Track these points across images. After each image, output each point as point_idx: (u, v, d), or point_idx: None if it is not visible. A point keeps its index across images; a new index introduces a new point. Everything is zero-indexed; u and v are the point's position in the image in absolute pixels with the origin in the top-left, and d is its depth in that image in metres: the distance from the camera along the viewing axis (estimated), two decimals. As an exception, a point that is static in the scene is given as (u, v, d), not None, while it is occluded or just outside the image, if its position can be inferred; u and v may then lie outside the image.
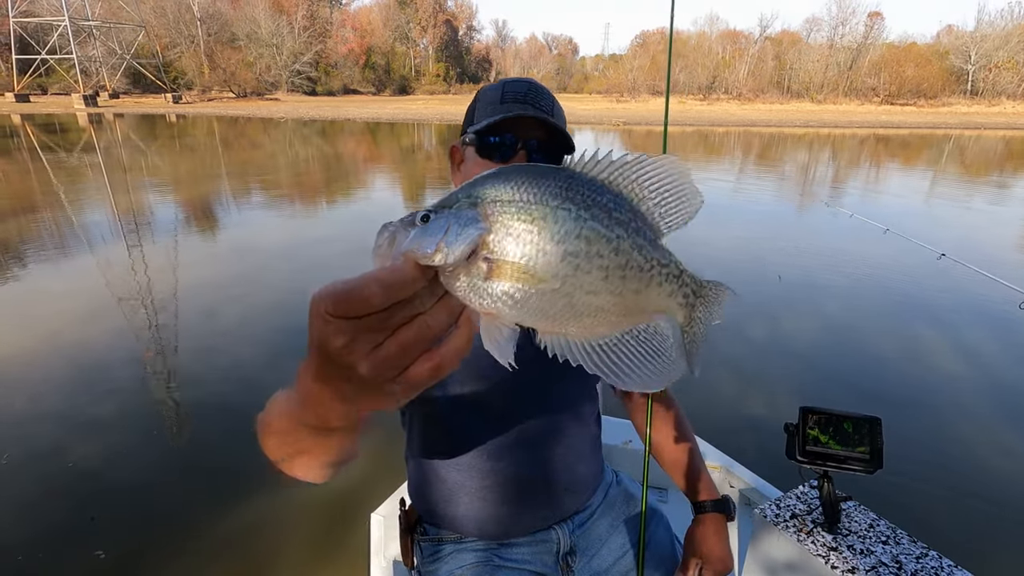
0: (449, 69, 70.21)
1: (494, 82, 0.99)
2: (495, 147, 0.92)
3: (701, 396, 3.45)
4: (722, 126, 28.68)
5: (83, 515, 2.46)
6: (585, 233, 0.37)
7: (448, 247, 0.35)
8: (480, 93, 1.00)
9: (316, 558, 2.23)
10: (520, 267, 0.36)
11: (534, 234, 0.36)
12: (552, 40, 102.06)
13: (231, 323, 4.56)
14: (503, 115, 0.90)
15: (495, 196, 0.37)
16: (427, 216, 0.37)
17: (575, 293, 0.38)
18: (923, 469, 2.79)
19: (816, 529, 1.14)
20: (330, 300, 0.35)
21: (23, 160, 14.26)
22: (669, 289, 0.43)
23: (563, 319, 0.39)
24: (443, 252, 0.35)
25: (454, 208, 0.37)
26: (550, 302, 0.38)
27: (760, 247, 7.13)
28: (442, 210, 0.37)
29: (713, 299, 0.48)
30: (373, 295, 0.34)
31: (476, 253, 0.36)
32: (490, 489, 0.99)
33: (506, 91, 0.94)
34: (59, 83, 42.66)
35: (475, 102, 1.00)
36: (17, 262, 6.13)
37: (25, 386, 3.54)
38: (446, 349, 0.37)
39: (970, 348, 4.21)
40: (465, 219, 0.36)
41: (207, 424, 3.21)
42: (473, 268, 0.36)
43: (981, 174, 14.21)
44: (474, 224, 0.36)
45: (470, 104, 1.02)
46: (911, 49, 48.96)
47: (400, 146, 20.20)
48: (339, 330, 0.36)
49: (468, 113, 1.01)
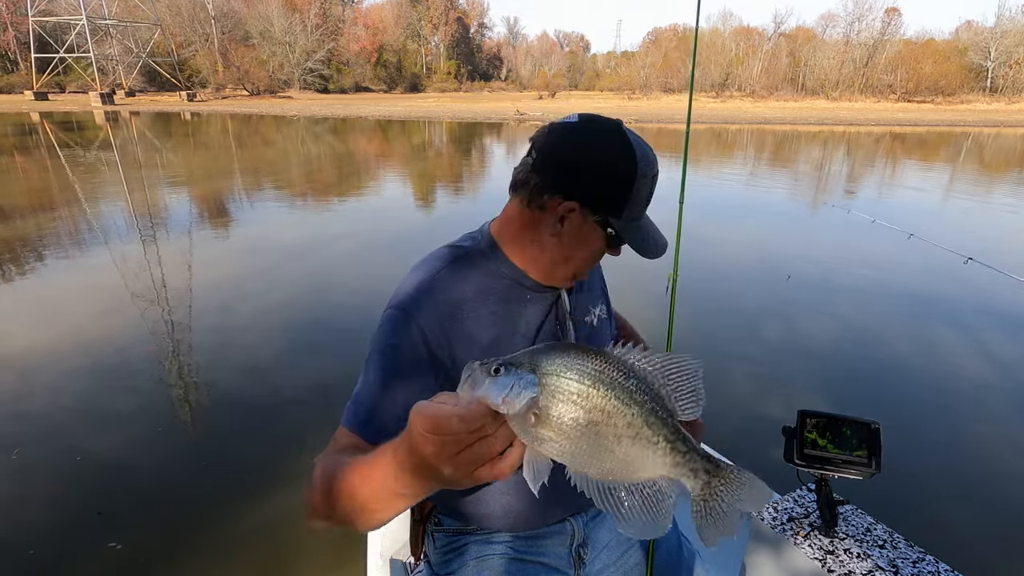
0: (460, 67, 70.22)
1: (635, 160, 0.84)
2: (618, 248, 0.91)
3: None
4: (735, 124, 28.42)
5: (96, 508, 2.52)
6: (607, 407, 0.51)
7: (510, 401, 0.49)
8: (637, 179, 0.85)
9: (312, 553, 2.26)
10: (555, 424, 0.51)
11: (569, 403, 0.51)
12: (564, 37, 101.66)
13: (246, 319, 4.62)
14: (651, 247, 0.89)
15: (549, 370, 0.51)
16: (499, 369, 0.51)
17: (595, 448, 0.52)
18: (922, 473, 2.78)
19: (813, 532, 1.14)
20: (425, 422, 0.50)
21: (42, 157, 14.50)
22: (674, 460, 0.54)
23: (585, 464, 0.52)
24: (506, 404, 0.49)
25: (520, 370, 0.51)
26: (575, 451, 0.51)
27: (769, 248, 7.08)
28: (511, 368, 0.51)
29: (736, 483, 0.56)
30: (454, 425, 0.49)
31: (527, 406, 0.50)
32: (521, 482, 0.99)
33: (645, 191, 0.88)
34: (77, 81, 43.28)
35: (625, 182, 0.84)
36: (37, 257, 6.25)
37: (43, 380, 3.62)
38: (503, 463, 0.52)
39: (978, 351, 4.16)
40: (525, 383, 0.50)
41: (217, 419, 3.26)
42: (525, 416, 0.50)
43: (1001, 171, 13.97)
44: (531, 388, 0.50)
45: (609, 171, 0.84)
46: (929, 45, 48.17)
47: (411, 144, 20.26)
48: (429, 442, 0.50)
49: (605, 179, 0.84)
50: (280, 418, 3.23)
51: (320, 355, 3.98)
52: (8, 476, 2.72)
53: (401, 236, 7.28)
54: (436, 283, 0.89)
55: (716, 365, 3.92)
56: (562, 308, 0.97)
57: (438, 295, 0.88)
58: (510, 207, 0.92)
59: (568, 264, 0.91)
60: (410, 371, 0.85)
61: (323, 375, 3.68)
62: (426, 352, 0.85)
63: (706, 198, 10.13)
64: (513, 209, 0.92)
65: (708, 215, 8.58)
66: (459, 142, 20.79)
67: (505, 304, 0.91)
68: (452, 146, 19.88)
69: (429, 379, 0.85)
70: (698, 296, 5.13)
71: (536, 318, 0.94)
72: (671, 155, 13.64)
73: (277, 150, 17.68)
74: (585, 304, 1.02)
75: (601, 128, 0.86)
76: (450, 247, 0.95)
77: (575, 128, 0.85)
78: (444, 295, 0.88)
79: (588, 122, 0.86)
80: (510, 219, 0.92)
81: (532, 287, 0.93)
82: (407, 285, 0.90)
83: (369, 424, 0.82)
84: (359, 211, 9.28)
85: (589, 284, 1.05)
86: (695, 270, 5.85)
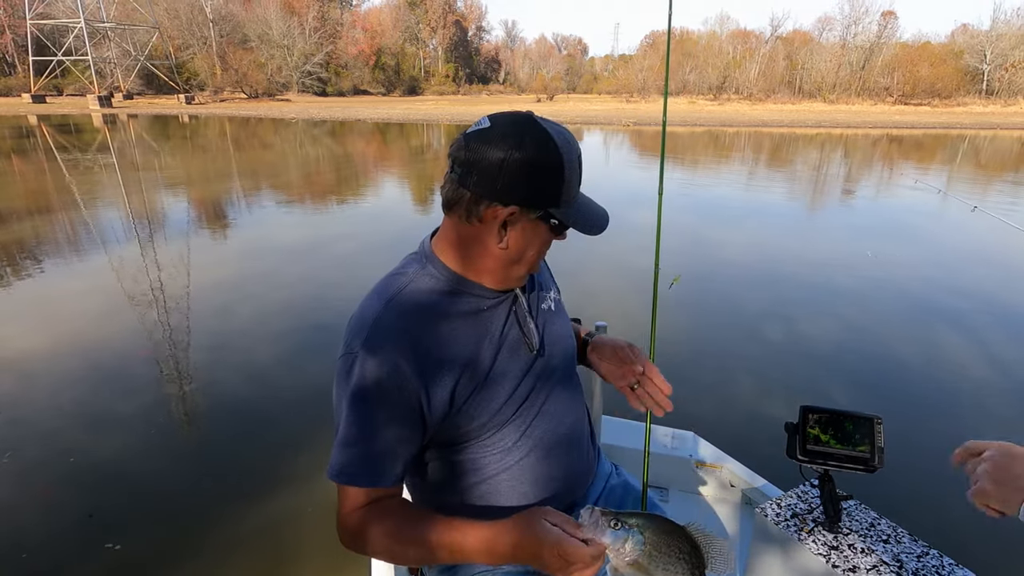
0: (458, 70, 70.32)
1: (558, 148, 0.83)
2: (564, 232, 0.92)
3: (701, 396, 3.45)
4: (732, 126, 28.50)
5: (88, 510, 2.51)
6: (672, 568, 0.75)
7: (621, 551, 0.73)
8: (566, 166, 0.84)
9: (317, 559, 2.25)
10: (640, 568, 0.74)
11: (654, 561, 0.74)
12: (561, 40, 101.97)
13: (245, 322, 4.61)
14: (595, 223, 0.90)
15: (650, 539, 0.74)
16: (618, 524, 0.73)
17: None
18: (925, 467, 2.78)
19: (817, 528, 1.14)
20: (563, 550, 0.72)
21: (39, 160, 14.47)
22: None
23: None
24: (617, 553, 0.73)
25: (634, 530, 0.73)
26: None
27: (773, 248, 7.09)
28: (627, 525, 0.73)
29: None
30: (585, 559, 0.72)
31: (634, 559, 0.73)
32: (535, 485, 1.00)
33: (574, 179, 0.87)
34: (74, 84, 43.23)
35: (555, 172, 0.84)
36: (34, 261, 6.23)
37: (41, 383, 3.61)
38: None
39: (979, 348, 4.17)
40: (635, 542, 0.73)
41: (215, 422, 3.25)
42: (624, 563, 0.73)
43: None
44: (639, 547, 0.73)
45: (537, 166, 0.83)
46: (925, 48, 48.37)
47: (409, 146, 20.28)
48: (557, 561, 0.73)
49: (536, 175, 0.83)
50: (278, 422, 3.23)
51: (318, 358, 3.97)
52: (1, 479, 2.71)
53: (400, 238, 7.28)
54: (395, 315, 0.87)
55: (717, 366, 3.93)
56: (521, 307, 0.98)
57: (400, 324, 0.86)
58: (447, 226, 0.92)
59: (521, 265, 0.91)
60: (395, 411, 0.85)
61: (321, 379, 3.67)
62: (405, 386, 0.85)
63: (707, 199, 10.16)
64: (451, 228, 0.90)
65: (708, 216, 8.60)
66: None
67: (467, 319, 0.91)
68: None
69: (415, 412, 0.86)
70: (700, 295, 5.14)
71: (499, 323, 0.94)
72: (669, 156, 13.64)
73: (275, 153, 17.68)
74: (539, 293, 1.04)
75: (515, 125, 0.83)
76: (395, 275, 0.94)
77: (491, 133, 0.82)
78: (405, 323, 0.87)
79: (501, 123, 0.83)
80: (451, 238, 0.91)
81: (489, 295, 0.94)
82: (366, 322, 0.87)
83: (384, 475, 0.88)
84: (357, 213, 9.29)
85: (540, 273, 1.07)
86: (695, 270, 5.85)
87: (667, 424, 2.06)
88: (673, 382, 1.04)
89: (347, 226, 8.16)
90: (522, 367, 0.96)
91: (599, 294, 5.28)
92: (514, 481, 0.97)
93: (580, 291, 5.16)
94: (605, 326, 1.51)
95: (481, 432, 0.94)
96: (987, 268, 6.25)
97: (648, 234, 1.03)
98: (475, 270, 0.91)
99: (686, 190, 10.82)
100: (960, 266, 6.42)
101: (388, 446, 0.86)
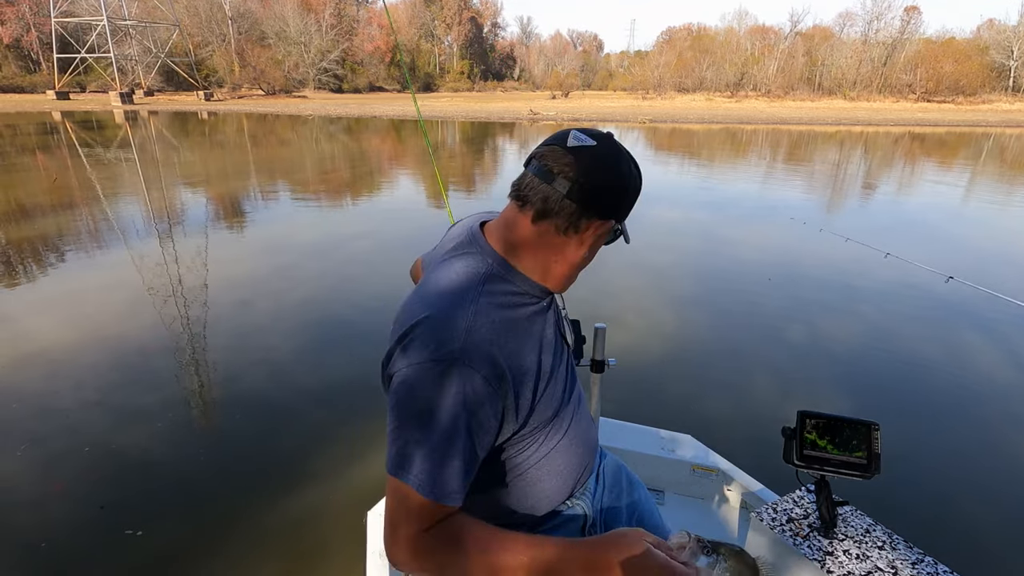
0: (473, 66, 70.31)
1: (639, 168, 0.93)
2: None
3: (699, 400, 3.44)
4: (751, 124, 28.15)
5: (100, 502, 2.58)
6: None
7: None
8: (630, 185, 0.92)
9: (312, 557, 2.28)
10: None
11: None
12: (577, 37, 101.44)
13: (265, 318, 4.67)
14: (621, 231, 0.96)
15: (732, 567, 0.79)
16: (709, 551, 0.79)
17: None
18: (920, 474, 2.76)
19: (812, 533, 1.15)
20: (663, 571, 0.76)
21: (63, 156, 14.78)
22: None
23: None
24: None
25: (720, 559, 0.79)
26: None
27: (777, 249, 7.02)
28: (718, 555, 0.79)
29: None
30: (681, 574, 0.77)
31: None
32: (561, 476, 1.02)
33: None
34: (97, 81, 44.05)
35: (624, 194, 0.91)
36: (58, 256, 6.38)
37: (66, 375, 3.70)
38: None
39: (972, 357, 4.10)
40: (721, 569, 0.79)
41: (237, 416, 3.31)
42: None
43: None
44: (725, 575, 0.79)
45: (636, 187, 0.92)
46: (949, 44, 47.33)
47: (425, 143, 20.32)
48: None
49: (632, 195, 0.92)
50: (300, 415, 3.28)
51: (341, 354, 4.02)
52: (16, 470, 2.79)
53: (417, 235, 7.31)
54: (485, 324, 0.84)
55: (715, 366, 3.91)
56: (557, 306, 1.01)
57: (490, 335, 0.84)
58: (528, 231, 0.89)
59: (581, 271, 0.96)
60: (485, 423, 0.83)
61: (345, 373, 3.72)
62: (491, 400, 0.83)
63: (710, 199, 10.07)
64: (534, 234, 0.89)
65: (709, 216, 8.52)
66: (472, 142, 20.82)
67: (533, 323, 0.93)
68: (465, 145, 19.93)
69: (498, 424, 0.86)
70: (700, 294, 5.11)
71: (550, 324, 0.97)
72: (683, 153, 13.52)
73: (293, 149, 17.85)
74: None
75: (616, 147, 0.90)
76: (470, 275, 0.90)
77: (599, 152, 0.87)
78: (494, 334, 0.84)
79: (605, 143, 0.88)
80: (531, 243, 0.90)
81: (544, 298, 0.96)
82: (457, 329, 0.83)
83: (459, 492, 0.82)
84: (374, 210, 9.35)
85: None
86: (695, 270, 5.82)
87: (664, 427, 2.08)
88: (671, 385, 1.06)
89: (365, 223, 8.23)
90: (564, 364, 1.00)
91: (609, 294, 5.27)
92: (544, 474, 0.99)
93: (588, 288, 5.16)
94: (604, 327, 1.53)
95: (533, 432, 0.95)
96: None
97: (662, 234, 1.03)
98: (545, 273, 0.93)
99: (686, 189, 10.72)
100: (961, 266, 6.31)
101: (475, 460, 0.84)
